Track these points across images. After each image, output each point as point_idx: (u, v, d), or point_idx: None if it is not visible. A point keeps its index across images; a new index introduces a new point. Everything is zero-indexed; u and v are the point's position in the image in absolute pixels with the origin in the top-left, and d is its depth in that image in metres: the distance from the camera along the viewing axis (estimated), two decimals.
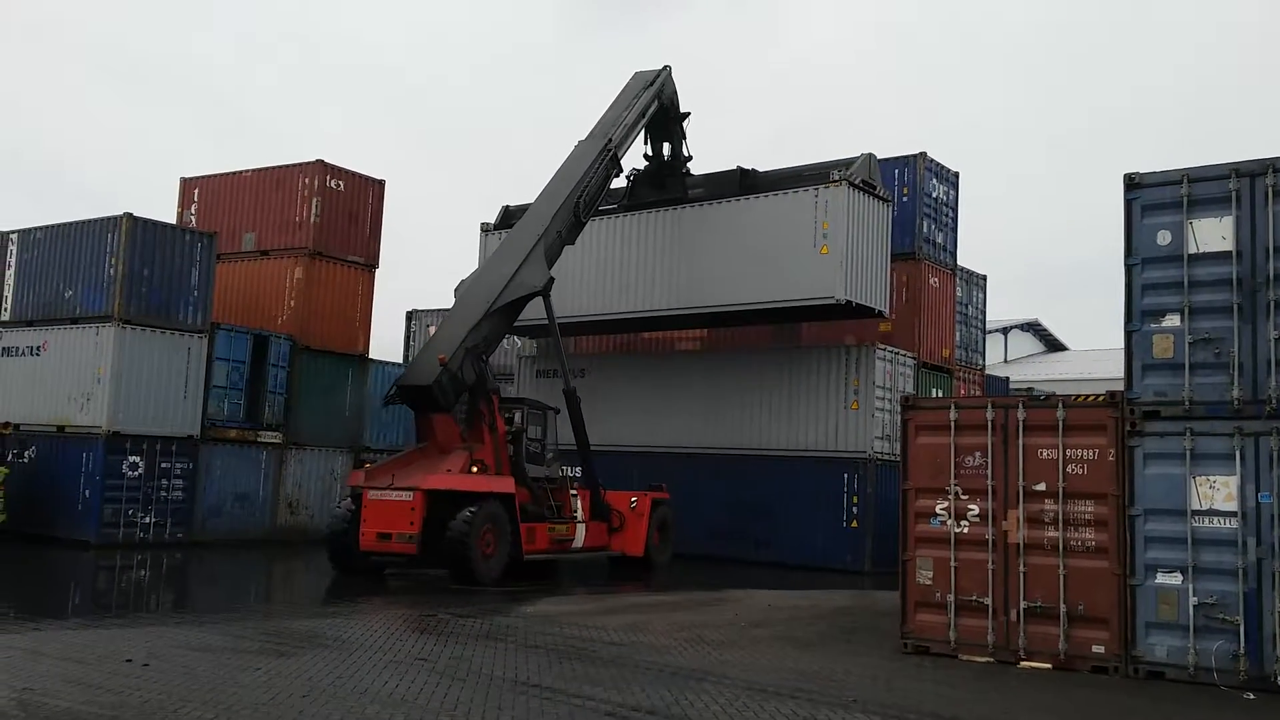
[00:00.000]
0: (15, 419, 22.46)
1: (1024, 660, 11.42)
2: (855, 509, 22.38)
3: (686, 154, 24.30)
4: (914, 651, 11.98)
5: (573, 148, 22.04)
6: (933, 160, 25.47)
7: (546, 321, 21.93)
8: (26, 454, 22.78)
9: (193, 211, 28.32)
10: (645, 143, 24.01)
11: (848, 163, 22.19)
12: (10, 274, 24.23)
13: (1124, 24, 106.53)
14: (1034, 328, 62.68)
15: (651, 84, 22.98)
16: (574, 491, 21.00)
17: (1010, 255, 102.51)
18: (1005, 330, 57.32)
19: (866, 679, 10.56)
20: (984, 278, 28.73)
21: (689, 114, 23.94)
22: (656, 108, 23.05)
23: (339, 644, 11.39)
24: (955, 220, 26.50)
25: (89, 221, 23.05)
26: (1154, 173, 11.34)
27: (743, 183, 23.49)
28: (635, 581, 20.53)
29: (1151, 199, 11.28)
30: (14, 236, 24.41)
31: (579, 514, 20.91)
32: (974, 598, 11.75)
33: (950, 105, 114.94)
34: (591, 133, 22.27)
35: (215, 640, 11.42)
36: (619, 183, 23.99)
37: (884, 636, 12.88)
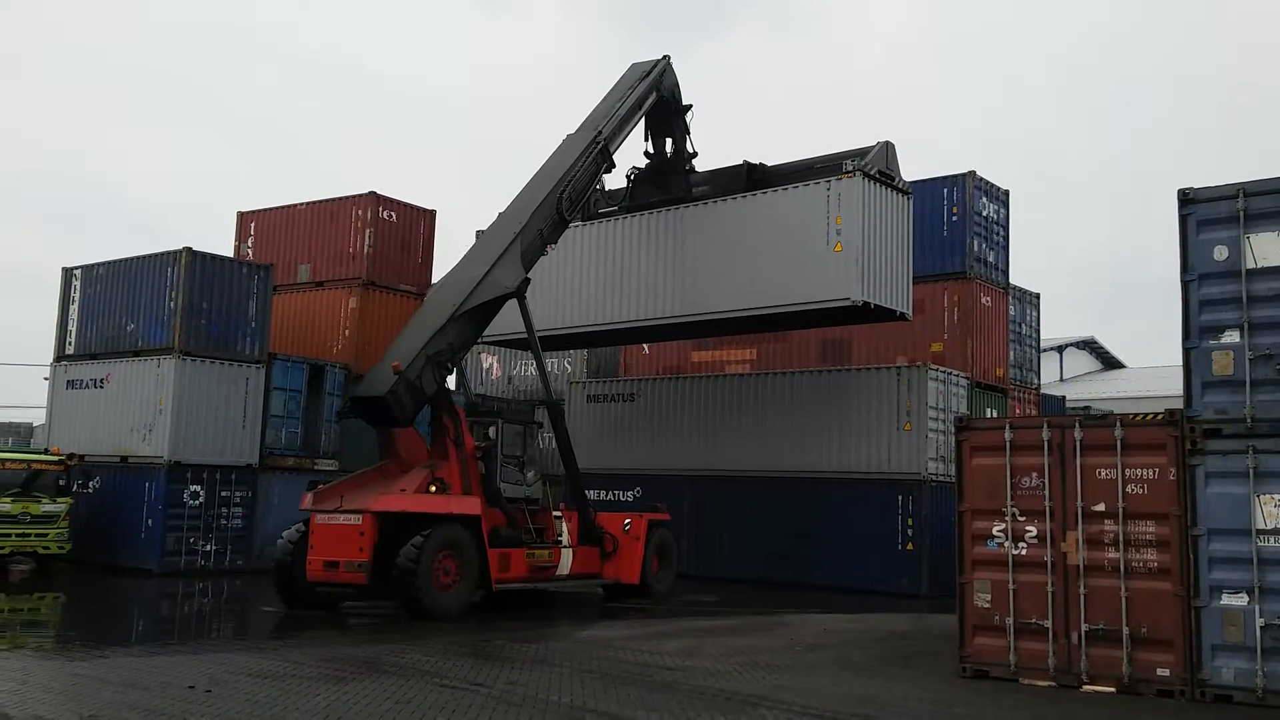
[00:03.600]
0: (80, 450, 23.00)
1: (1086, 684, 11.21)
2: (910, 531, 22.10)
3: (691, 150, 22.69)
4: (973, 675, 11.82)
5: (560, 141, 20.54)
6: (982, 179, 25.27)
7: (552, 333, 20.95)
8: (91, 484, 23.31)
9: (249, 244, 28.93)
10: (646, 139, 22.56)
11: (862, 152, 20.60)
12: (75, 309, 24.88)
13: (1181, 39, 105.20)
14: (1090, 345, 61.74)
15: (648, 74, 21.34)
16: (559, 514, 19.24)
17: (1065, 273, 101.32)
18: (1060, 348, 56.52)
19: (926, 703, 10.43)
20: (1037, 296, 28.41)
21: (691, 107, 22.36)
22: (655, 100, 21.46)
23: (396, 670, 11.49)
24: (1006, 239, 26.23)
25: (150, 256, 23.63)
26: (1209, 187, 11.16)
27: (750, 178, 22.01)
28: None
29: (1207, 214, 11.10)
30: (78, 272, 25.08)
31: (565, 538, 19.04)
32: (1034, 620, 11.57)
33: (1003, 123, 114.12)
34: (581, 125, 20.63)
35: (275, 667, 11.57)
36: (620, 183, 22.96)
37: (942, 660, 12.71)
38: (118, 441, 23.05)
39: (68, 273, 25.24)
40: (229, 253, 27.65)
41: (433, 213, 28.57)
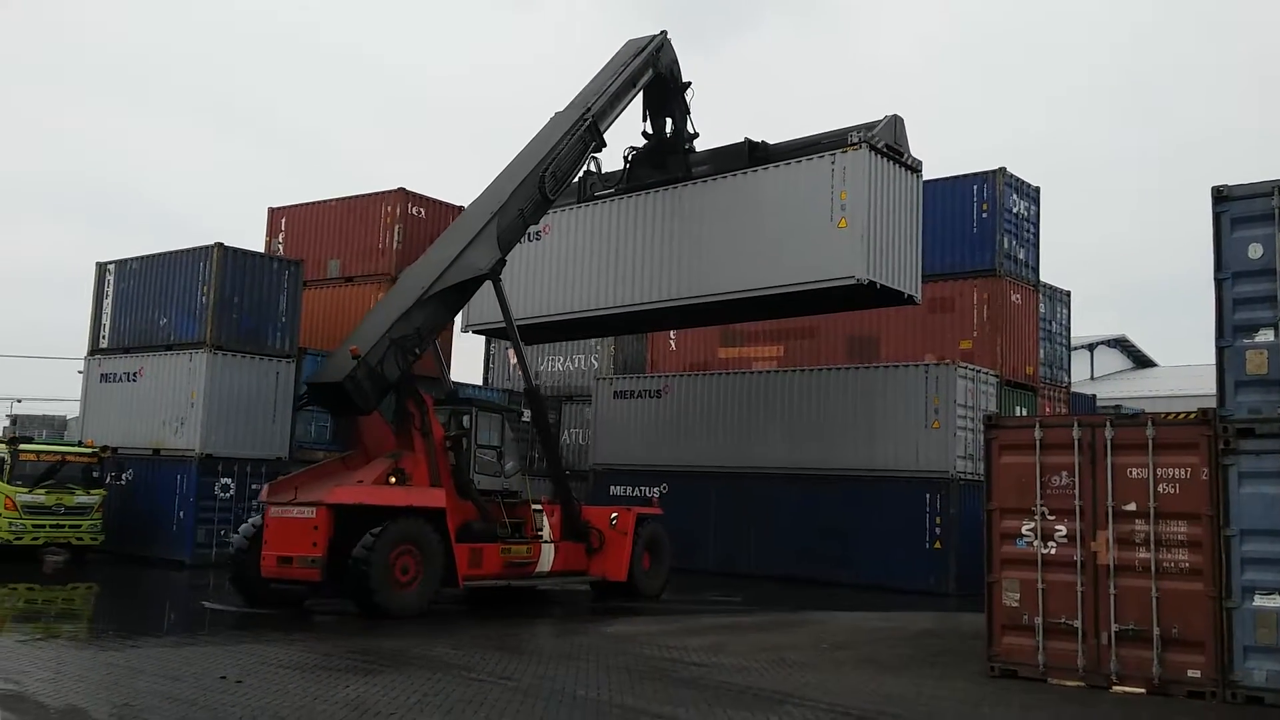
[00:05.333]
0: (113, 442, 23.27)
1: (1116, 685, 11.13)
2: (938, 530, 22.00)
3: (691, 130, 21.82)
4: (1001, 675, 11.76)
5: (548, 119, 19.69)
6: (1012, 175, 25.09)
7: (544, 320, 20.54)
8: (124, 476, 23.59)
9: (280, 240, 29.16)
10: (644, 119, 21.82)
11: (869, 126, 19.67)
12: (108, 303, 25.17)
13: (1217, 37, 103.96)
14: (1121, 344, 61.19)
15: (643, 51, 20.47)
16: (539, 507, 18.18)
17: (1097, 270, 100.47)
18: (1091, 347, 56.05)
19: (954, 702, 10.39)
20: (1068, 293, 28.22)
21: (690, 84, 21.54)
22: (651, 77, 20.62)
23: (424, 662, 11.57)
24: (1037, 236, 26.05)
25: (182, 251, 23.86)
26: (1243, 185, 11.03)
27: (752, 156, 21.00)
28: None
29: (1241, 211, 10.97)
30: (112, 267, 25.36)
31: (546, 533, 18.05)
32: (1063, 620, 11.50)
33: (1033, 118, 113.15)
34: (570, 103, 19.79)
35: (305, 658, 11.68)
36: (618, 164, 22.31)
37: (970, 659, 12.67)
38: (150, 434, 23.30)
39: (102, 268, 25.52)
40: (260, 248, 27.86)
41: (461, 209, 28.55)
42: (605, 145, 19.91)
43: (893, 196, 19.75)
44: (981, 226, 24.59)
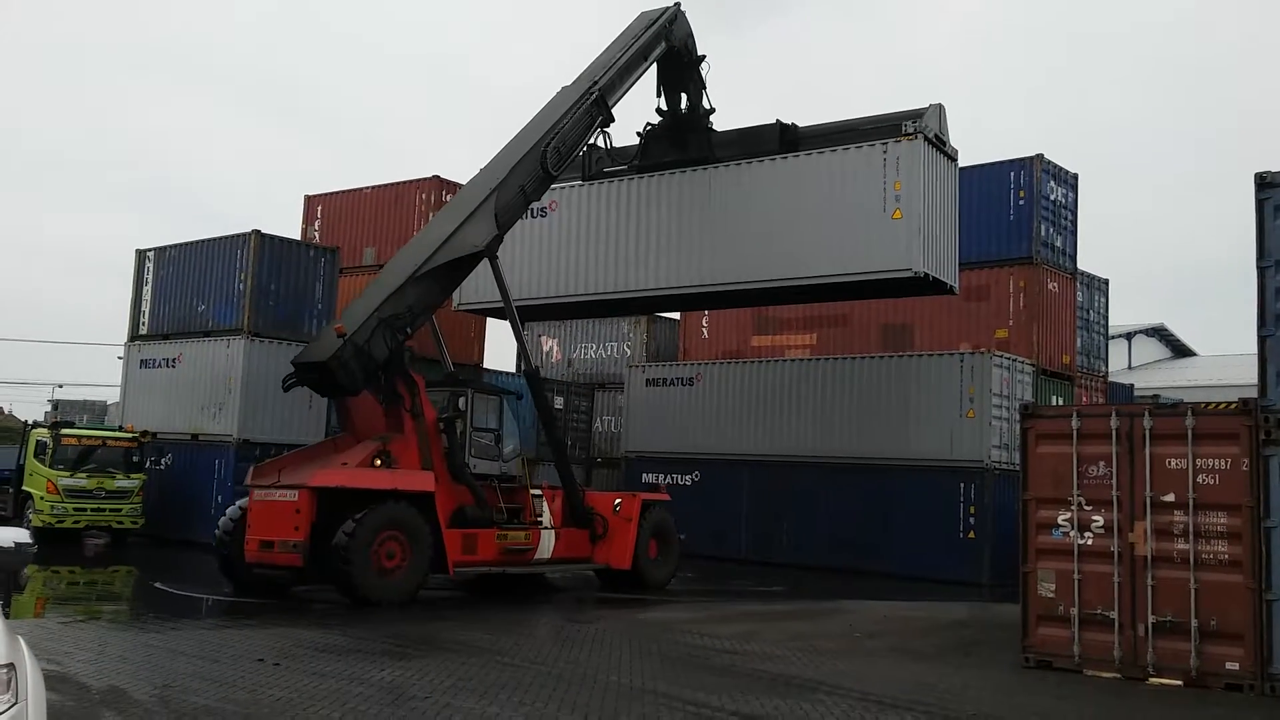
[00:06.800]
0: (153, 428, 23.58)
1: (1153, 677, 11.04)
2: (972, 519, 21.85)
3: (708, 106, 21.21)
4: (1036, 666, 11.69)
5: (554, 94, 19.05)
6: (1050, 162, 24.79)
7: (549, 302, 20.25)
8: (163, 461, 23.91)
9: (316, 227, 29.36)
10: (658, 95, 21.06)
11: (917, 114, 19.23)
12: (148, 290, 25.49)
13: (1262, 18, 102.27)
14: (1160, 333, 60.44)
15: (655, 23, 19.83)
16: (538, 492, 17.67)
17: (1136, 258, 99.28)
18: (1129, 335, 55.40)
19: (987, 692, 10.35)
20: (1106, 281, 27.87)
21: (705, 57, 20.88)
22: (664, 50, 19.97)
23: (457, 647, 11.66)
24: (1074, 223, 25.73)
25: (220, 239, 24.11)
26: None
27: (784, 139, 20.50)
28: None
29: None
30: (151, 254, 25.66)
31: (546, 519, 17.49)
32: (1099, 611, 11.40)
33: (1073, 107, 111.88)
34: (577, 78, 19.14)
35: (340, 642, 11.81)
36: (631, 139, 21.59)
37: (1004, 650, 12.59)
38: (189, 420, 23.59)
39: (141, 255, 25.83)
40: (296, 236, 28.07)
41: None
42: (613, 120, 19.41)
43: (938, 186, 19.58)
44: (1018, 214, 24.31)
